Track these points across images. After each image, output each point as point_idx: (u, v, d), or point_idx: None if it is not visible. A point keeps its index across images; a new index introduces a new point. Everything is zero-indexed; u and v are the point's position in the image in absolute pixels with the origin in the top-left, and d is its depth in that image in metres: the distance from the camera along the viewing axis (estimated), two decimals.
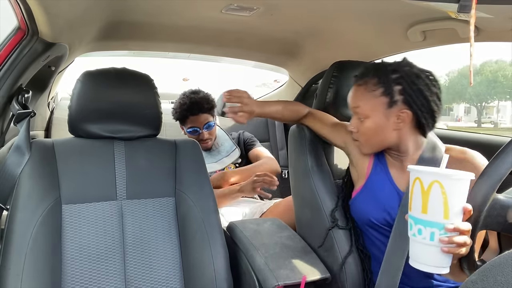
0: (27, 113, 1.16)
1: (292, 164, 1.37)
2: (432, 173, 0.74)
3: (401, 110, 1.03)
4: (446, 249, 0.73)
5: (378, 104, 1.04)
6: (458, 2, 0.74)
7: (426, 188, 0.74)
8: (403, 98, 1.03)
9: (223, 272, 1.13)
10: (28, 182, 1.05)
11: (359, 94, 1.08)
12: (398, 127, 1.05)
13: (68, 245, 1.06)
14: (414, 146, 1.08)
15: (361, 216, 1.15)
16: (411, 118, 1.04)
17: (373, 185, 1.13)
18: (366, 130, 1.07)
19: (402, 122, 1.04)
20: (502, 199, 0.76)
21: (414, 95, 1.02)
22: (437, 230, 0.73)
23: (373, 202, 1.11)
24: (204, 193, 1.21)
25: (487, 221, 0.76)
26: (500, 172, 0.74)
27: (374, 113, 1.05)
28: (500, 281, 0.47)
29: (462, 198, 0.74)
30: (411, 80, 1.02)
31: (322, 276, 1.10)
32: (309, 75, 2.21)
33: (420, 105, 1.02)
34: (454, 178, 0.73)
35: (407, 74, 1.03)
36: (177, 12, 1.49)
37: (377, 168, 1.14)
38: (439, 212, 0.73)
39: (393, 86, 1.03)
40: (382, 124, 1.05)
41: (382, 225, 1.10)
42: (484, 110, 28.03)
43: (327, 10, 1.40)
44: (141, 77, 1.23)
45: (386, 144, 1.08)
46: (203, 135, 1.89)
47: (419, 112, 1.02)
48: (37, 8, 1.03)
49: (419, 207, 0.75)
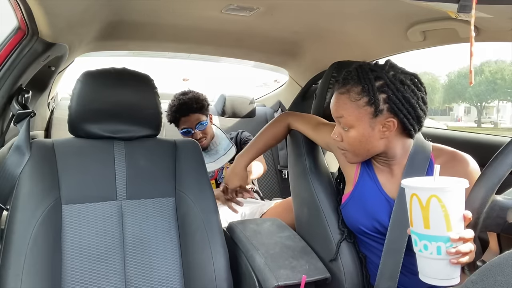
0: (27, 113, 1.16)
1: (291, 165, 1.37)
2: (428, 189, 0.73)
3: (386, 119, 0.98)
4: (455, 261, 0.73)
5: (363, 114, 0.98)
6: (458, 2, 0.74)
7: (425, 204, 0.73)
8: (388, 106, 0.97)
9: (223, 272, 1.13)
10: (28, 182, 1.05)
11: (341, 103, 1.02)
12: (385, 136, 1.00)
13: (68, 245, 1.06)
14: (402, 150, 1.05)
15: (351, 224, 1.14)
16: (397, 125, 0.99)
17: (361, 193, 1.10)
18: (350, 140, 1.02)
19: (388, 130, 0.99)
20: (501, 200, 0.76)
21: (399, 104, 0.97)
22: (443, 243, 0.73)
23: (362, 211, 1.09)
24: (204, 193, 1.21)
25: (486, 223, 0.76)
26: (499, 174, 0.74)
27: (358, 123, 0.99)
28: (500, 281, 0.47)
29: (461, 207, 0.73)
30: (396, 88, 0.97)
31: (322, 276, 1.10)
32: (309, 75, 2.21)
33: (406, 113, 0.98)
34: (451, 190, 0.72)
35: (391, 81, 0.98)
36: (177, 12, 1.49)
37: (364, 175, 1.11)
38: (442, 225, 0.72)
39: (377, 95, 0.97)
40: (367, 134, 1.00)
41: (373, 233, 1.09)
42: (484, 110, 28.01)
43: (327, 10, 1.40)
44: (141, 77, 1.23)
45: (373, 152, 1.04)
46: (196, 135, 1.90)
47: (405, 120, 0.98)
48: (37, 8, 1.03)
49: (420, 223, 0.74)
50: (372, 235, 1.10)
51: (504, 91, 26.68)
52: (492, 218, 0.76)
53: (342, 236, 1.15)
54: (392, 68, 1.01)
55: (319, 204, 1.22)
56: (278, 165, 2.48)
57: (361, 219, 1.10)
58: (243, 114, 2.53)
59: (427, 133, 1.69)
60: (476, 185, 0.76)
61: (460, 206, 0.73)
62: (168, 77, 3.71)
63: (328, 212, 1.21)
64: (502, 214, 0.75)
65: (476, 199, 0.75)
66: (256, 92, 2.93)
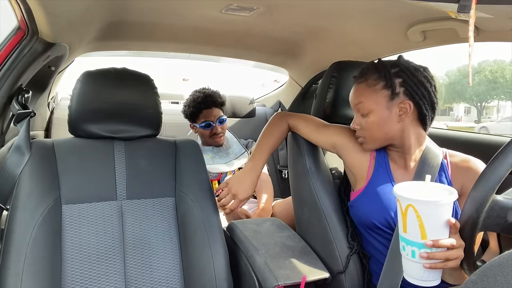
0: (27, 113, 1.16)
1: (291, 165, 1.37)
2: (405, 198, 0.75)
3: (403, 101, 1.04)
4: (427, 265, 0.75)
5: (380, 97, 1.06)
6: (458, 2, 0.74)
7: (404, 210, 0.76)
8: (404, 89, 1.04)
9: (223, 272, 1.13)
10: (28, 182, 1.05)
11: (360, 91, 1.10)
12: (401, 119, 1.06)
13: (68, 245, 1.06)
14: (416, 141, 1.09)
15: (362, 219, 1.14)
16: (413, 109, 1.05)
17: (375, 188, 1.12)
18: (370, 125, 1.08)
19: (404, 113, 1.05)
20: (502, 200, 0.76)
21: (415, 86, 1.04)
22: (417, 249, 0.76)
23: (376, 205, 1.10)
24: (204, 193, 1.21)
25: (486, 222, 0.76)
26: (499, 174, 0.74)
27: (377, 107, 1.06)
28: (500, 281, 0.47)
29: (440, 219, 0.75)
30: (410, 73, 1.05)
31: (322, 276, 1.10)
32: (309, 75, 2.21)
33: (421, 96, 1.04)
34: (427, 202, 0.74)
35: (406, 67, 1.06)
36: (177, 12, 1.49)
37: (379, 170, 1.13)
38: (416, 233, 0.75)
39: (393, 79, 1.05)
40: (386, 117, 1.06)
41: (384, 227, 1.09)
42: (484, 110, 27.98)
43: (327, 10, 1.40)
44: (141, 77, 1.23)
45: (390, 137, 1.08)
46: (217, 129, 1.91)
47: (420, 103, 1.04)
48: (37, 8, 1.03)
49: (401, 226, 0.78)
50: (383, 230, 1.10)
51: (504, 91, 26.64)
52: (492, 217, 0.76)
53: (352, 250, 1.16)
54: (406, 60, 1.09)
55: (319, 204, 1.22)
56: (278, 165, 2.48)
57: (374, 213, 1.10)
58: (243, 114, 2.53)
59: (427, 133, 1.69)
60: (476, 184, 0.76)
61: (439, 218, 0.75)
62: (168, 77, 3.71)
63: (329, 212, 1.21)
64: (502, 214, 0.75)
65: (477, 198, 0.75)
66: (256, 92, 2.93)
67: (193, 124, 1.97)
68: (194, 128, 1.99)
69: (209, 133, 1.93)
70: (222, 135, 1.94)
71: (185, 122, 2.03)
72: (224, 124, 1.95)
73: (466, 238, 0.77)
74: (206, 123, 1.91)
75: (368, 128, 1.09)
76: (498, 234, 1.13)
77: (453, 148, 1.15)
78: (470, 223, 0.76)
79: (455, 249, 0.76)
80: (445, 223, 0.75)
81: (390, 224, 1.08)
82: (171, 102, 2.67)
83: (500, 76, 25.99)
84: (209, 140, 1.95)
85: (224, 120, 1.95)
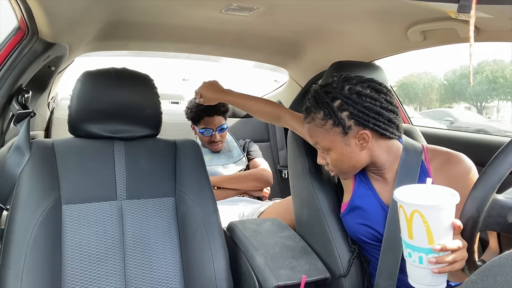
0: (27, 113, 1.16)
1: (291, 165, 1.37)
2: (411, 204, 0.74)
3: (358, 132, 0.99)
4: (436, 270, 0.75)
5: (333, 135, 1.01)
6: (458, 2, 0.74)
7: (409, 216, 0.75)
8: (354, 121, 0.98)
9: (223, 272, 1.13)
10: (28, 182, 1.05)
11: (312, 132, 1.05)
12: (363, 147, 1.01)
13: (68, 245, 1.06)
14: (389, 155, 1.05)
15: (350, 233, 1.16)
16: (371, 134, 1.00)
17: (359, 203, 1.11)
18: (333, 161, 1.05)
19: (364, 142, 1.00)
20: (502, 199, 0.76)
21: (364, 115, 0.98)
22: (425, 254, 0.75)
23: (360, 220, 1.10)
24: (204, 193, 1.21)
25: (487, 222, 0.76)
26: (500, 172, 0.74)
27: (334, 145, 1.02)
28: (500, 281, 0.47)
29: (445, 223, 0.74)
30: (354, 102, 0.98)
31: (322, 276, 1.10)
32: (309, 75, 2.21)
33: (374, 121, 0.98)
34: (434, 207, 0.73)
35: (348, 97, 0.99)
36: (177, 12, 1.49)
37: (361, 185, 1.12)
38: (423, 239, 0.74)
39: (339, 115, 0.99)
40: (347, 152, 1.02)
41: (372, 241, 1.10)
42: (484, 110, 27.99)
43: (327, 10, 1.40)
44: (141, 77, 1.23)
45: (360, 166, 1.05)
46: (215, 137, 1.93)
47: (376, 128, 0.99)
48: (37, 8, 1.03)
49: (405, 232, 0.77)
50: (371, 244, 1.10)
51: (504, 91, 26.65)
52: (493, 217, 0.76)
53: (353, 253, 1.15)
54: (347, 81, 1.02)
55: (319, 204, 1.22)
56: (278, 165, 2.48)
57: (359, 229, 1.11)
58: (243, 114, 2.53)
59: (427, 133, 1.69)
60: (477, 183, 0.76)
61: (444, 222, 0.74)
62: (168, 77, 3.70)
63: (328, 212, 1.21)
64: (502, 213, 0.75)
65: (477, 197, 0.75)
66: (256, 92, 2.93)
67: (194, 126, 1.99)
68: (194, 130, 2.00)
69: (207, 140, 1.94)
70: (220, 143, 1.96)
71: (185, 122, 2.03)
72: (224, 132, 1.96)
73: (467, 237, 0.77)
74: (205, 130, 1.92)
75: (334, 164, 1.05)
76: (498, 234, 1.13)
77: (454, 148, 1.14)
78: (470, 223, 0.76)
79: (460, 250, 0.76)
80: (450, 225, 0.75)
81: (376, 237, 1.08)
82: (171, 102, 2.68)
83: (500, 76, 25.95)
84: (206, 145, 1.97)
85: (225, 128, 1.95)
